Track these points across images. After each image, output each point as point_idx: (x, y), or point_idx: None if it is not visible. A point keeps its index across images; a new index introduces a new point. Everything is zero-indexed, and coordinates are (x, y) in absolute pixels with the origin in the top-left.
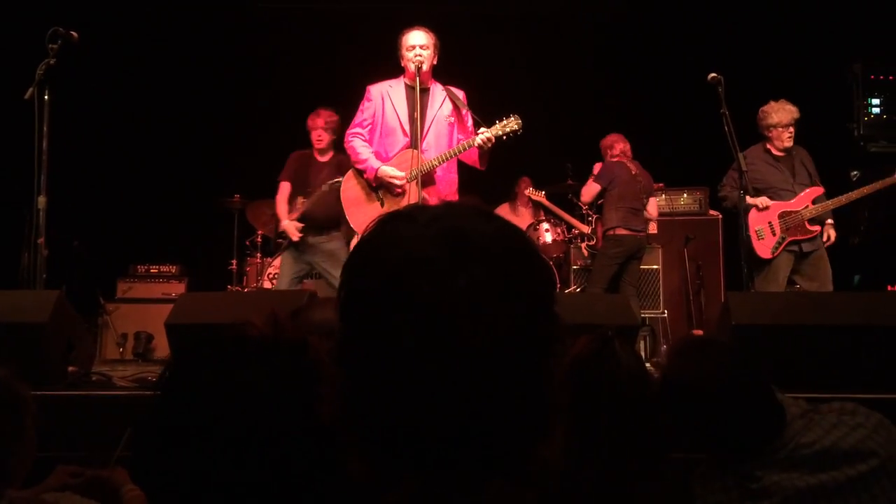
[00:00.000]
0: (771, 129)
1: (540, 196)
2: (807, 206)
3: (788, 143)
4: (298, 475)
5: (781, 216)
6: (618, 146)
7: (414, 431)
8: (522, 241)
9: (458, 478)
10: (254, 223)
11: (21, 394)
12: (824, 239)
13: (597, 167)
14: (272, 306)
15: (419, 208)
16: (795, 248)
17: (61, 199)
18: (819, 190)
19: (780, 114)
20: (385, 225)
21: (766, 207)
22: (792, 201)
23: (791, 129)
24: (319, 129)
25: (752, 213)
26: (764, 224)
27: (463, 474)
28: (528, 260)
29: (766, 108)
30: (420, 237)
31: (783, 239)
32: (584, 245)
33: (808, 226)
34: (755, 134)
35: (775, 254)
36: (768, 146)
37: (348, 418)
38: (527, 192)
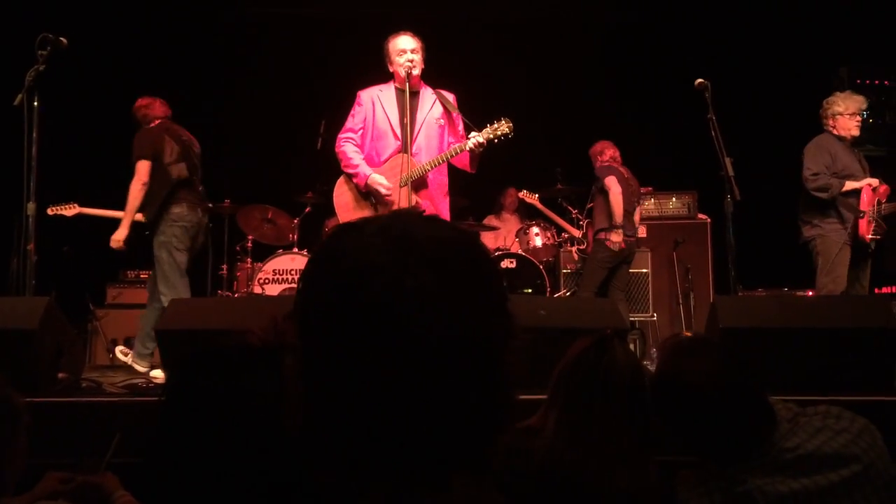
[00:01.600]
0: (837, 116)
1: (533, 199)
2: (881, 202)
3: (856, 132)
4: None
5: (878, 203)
6: (608, 152)
7: (375, 436)
8: (469, 242)
9: (423, 478)
10: (244, 228)
11: (15, 402)
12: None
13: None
14: (271, 312)
15: (367, 220)
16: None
17: (51, 205)
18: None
19: (849, 101)
20: (333, 238)
21: (876, 187)
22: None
23: (858, 118)
24: None
25: (867, 192)
26: (872, 206)
27: (427, 474)
28: (475, 260)
29: (832, 98)
30: (367, 245)
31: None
32: (574, 249)
33: (880, 222)
34: (742, 138)
35: (872, 238)
36: (837, 134)
37: (312, 428)
38: (520, 194)
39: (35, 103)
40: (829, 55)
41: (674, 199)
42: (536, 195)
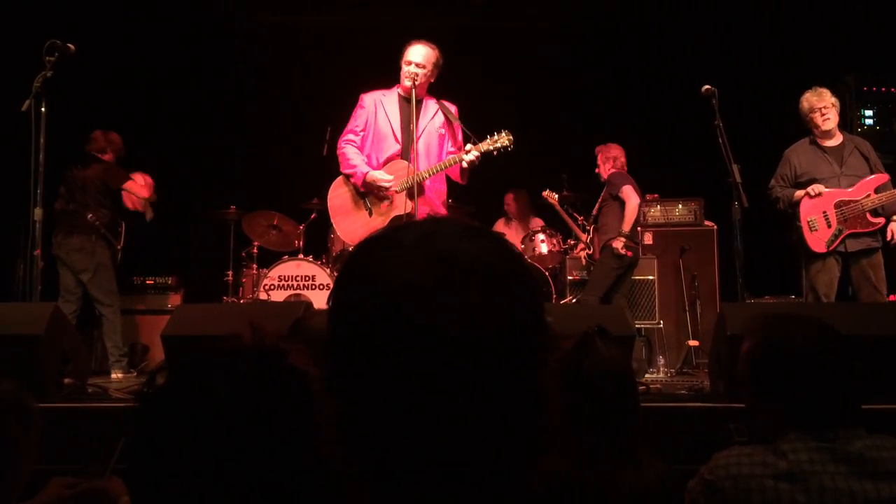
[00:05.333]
0: (806, 116)
1: (553, 199)
2: (868, 195)
3: (825, 126)
4: (276, 487)
5: (838, 206)
6: (620, 159)
7: (415, 459)
8: (511, 256)
9: (465, 501)
10: (250, 234)
11: (30, 406)
12: (888, 237)
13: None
14: (273, 318)
15: (402, 230)
16: (841, 248)
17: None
18: (883, 178)
19: (810, 98)
20: (370, 253)
21: (819, 194)
22: (850, 190)
23: (824, 110)
24: None
25: (805, 203)
26: (817, 214)
27: (469, 497)
28: (518, 274)
29: (802, 97)
30: (408, 264)
31: (840, 231)
32: (583, 253)
33: (869, 217)
34: (749, 145)
35: (831, 247)
36: (814, 136)
37: (345, 449)
38: (544, 193)
39: (42, 109)
40: (835, 62)
41: (680, 206)
42: (556, 195)
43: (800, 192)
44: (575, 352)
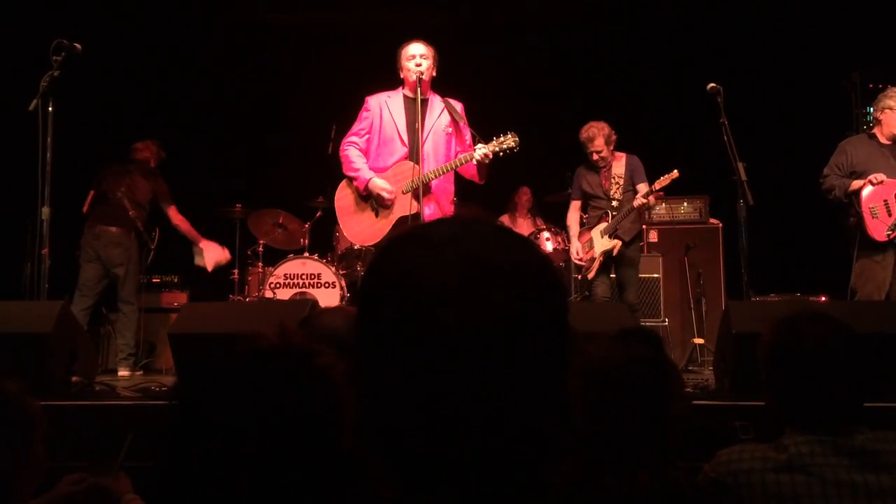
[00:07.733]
0: (887, 110)
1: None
2: None
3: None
4: (313, 487)
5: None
6: None
7: (439, 454)
8: (539, 258)
9: (490, 500)
10: (255, 233)
11: (30, 409)
12: None
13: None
14: (280, 316)
15: (432, 228)
16: None
17: (65, 210)
18: None
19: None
20: (401, 251)
21: (881, 182)
22: None
23: None
24: None
25: (867, 192)
26: (879, 202)
27: (494, 496)
28: (547, 278)
29: (888, 90)
30: (440, 264)
31: None
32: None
33: None
34: (755, 143)
35: (891, 236)
36: (875, 131)
37: (372, 443)
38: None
39: (49, 108)
40: (841, 59)
41: (685, 204)
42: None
43: (858, 182)
44: (606, 354)
